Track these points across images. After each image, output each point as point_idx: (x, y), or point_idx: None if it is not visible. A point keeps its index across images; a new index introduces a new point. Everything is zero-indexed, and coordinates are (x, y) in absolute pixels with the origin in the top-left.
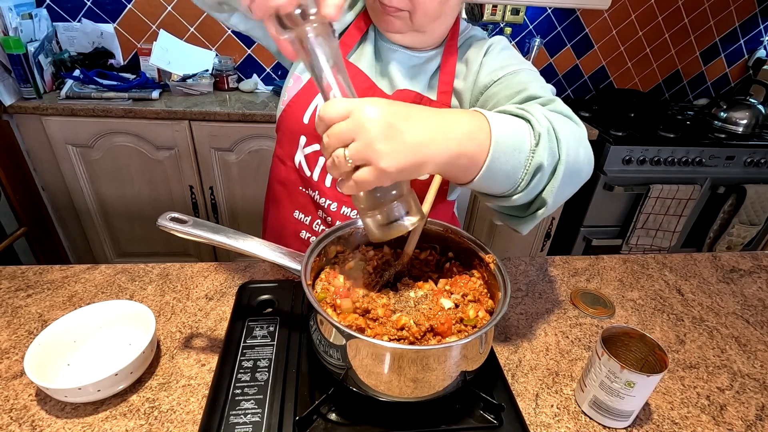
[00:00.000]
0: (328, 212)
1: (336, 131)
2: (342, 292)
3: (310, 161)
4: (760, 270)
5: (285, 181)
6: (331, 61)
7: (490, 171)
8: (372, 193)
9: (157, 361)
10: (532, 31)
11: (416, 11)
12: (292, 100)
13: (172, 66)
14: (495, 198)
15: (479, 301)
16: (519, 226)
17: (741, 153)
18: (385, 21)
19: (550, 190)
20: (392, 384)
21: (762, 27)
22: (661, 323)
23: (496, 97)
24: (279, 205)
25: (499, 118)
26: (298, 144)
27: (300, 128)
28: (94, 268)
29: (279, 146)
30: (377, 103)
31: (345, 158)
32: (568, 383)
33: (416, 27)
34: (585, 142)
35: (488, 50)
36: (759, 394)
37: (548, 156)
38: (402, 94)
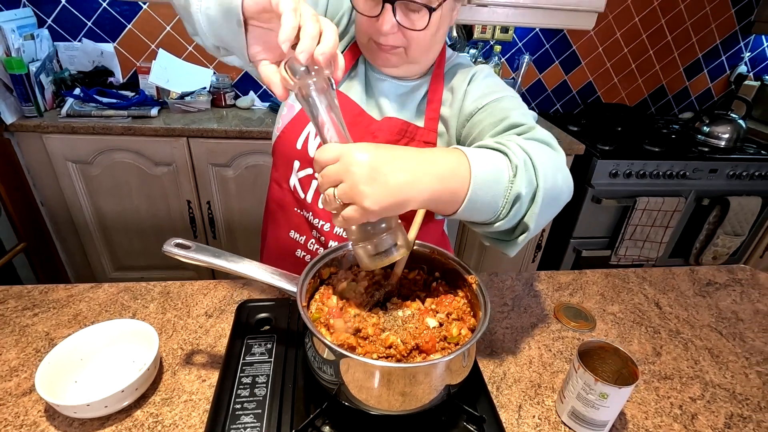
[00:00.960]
0: (322, 232)
1: (327, 173)
2: (335, 312)
3: (304, 184)
4: (734, 283)
5: (281, 202)
6: (330, 108)
7: (472, 203)
8: (363, 226)
9: (160, 377)
10: (521, 48)
11: (411, 46)
12: (286, 127)
13: (171, 84)
14: (480, 225)
15: (462, 319)
16: (506, 249)
17: (723, 166)
18: (381, 58)
19: (531, 215)
20: (382, 398)
21: (742, 44)
22: (639, 336)
23: (480, 125)
24: (276, 225)
25: (477, 153)
26: (292, 168)
27: (294, 153)
28: (97, 287)
29: (275, 169)
30: (365, 148)
31: (334, 197)
32: (549, 394)
33: (410, 60)
34: (563, 168)
35: (473, 78)
36: (728, 403)
37: (526, 185)
38: (390, 122)
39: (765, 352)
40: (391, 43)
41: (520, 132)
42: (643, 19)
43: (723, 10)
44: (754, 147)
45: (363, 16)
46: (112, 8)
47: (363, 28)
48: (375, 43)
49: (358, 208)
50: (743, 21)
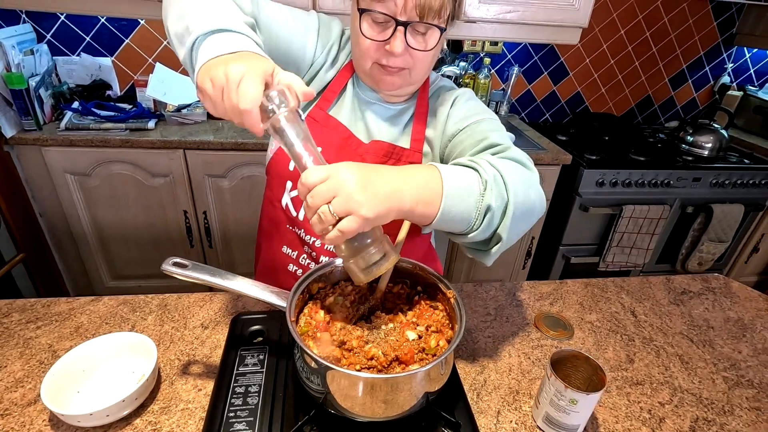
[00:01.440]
0: (313, 248)
1: (318, 192)
2: (322, 325)
3: (296, 203)
4: (708, 292)
5: (274, 219)
6: (301, 136)
7: (446, 214)
8: (351, 242)
9: (158, 387)
10: (510, 60)
11: (416, 66)
12: (279, 149)
13: (168, 97)
14: (457, 236)
15: (441, 331)
16: (483, 259)
17: (707, 175)
18: (386, 82)
19: (504, 227)
20: (365, 406)
21: (725, 55)
22: (614, 343)
23: (461, 145)
24: (269, 240)
25: (449, 169)
26: (284, 188)
27: (286, 174)
28: (97, 300)
29: (268, 188)
30: (349, 165)
31: (330, 212)
32: (527, 400)
33: (412, 80)
34: (535, 185)
35: (455, 101)
36: (695, 408)
37: (496, 198)
38: (377, 144)
39: (732, 358)
40: (400, 65)
41: (496, 152)
42: (629, 31)
43: (705, 23)
44: (737, 156)
45: (370, 40)
46: (110, 24)
47: (369, 53)
48: (380, 67)
49: (354, 218)
50: (725, 33)
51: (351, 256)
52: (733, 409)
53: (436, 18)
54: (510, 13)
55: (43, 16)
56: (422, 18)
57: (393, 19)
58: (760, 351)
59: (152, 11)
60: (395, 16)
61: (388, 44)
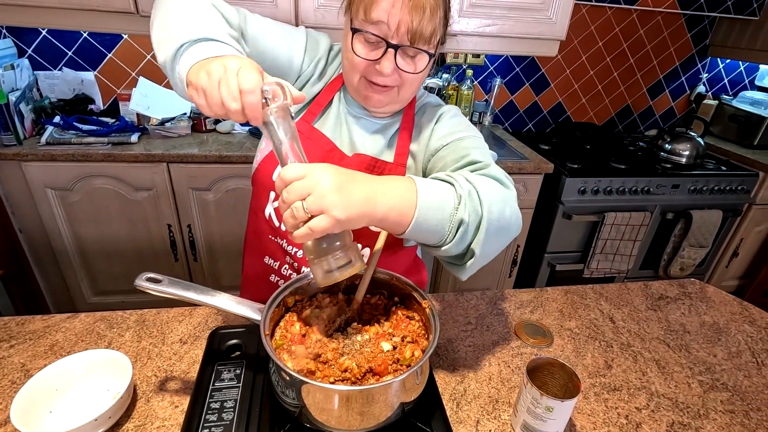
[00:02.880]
0: (295, 258)
1: (295, 188)
2: (297, 338)
3: (279, 214)
4: (684, 297)
5: (257, 230)
6: (289, 134)
7: (419, 224)
8: (319, 243)
9: (134, 405)
10: (492, 71)
11: (404, 86)
12: (264, 159)
13: (151, 110)
14: (432, 248)
15: (416, 341)
16: (458, 273)
17: (685, 182)
18: (374, 99)
19: (477, 242)
20: (341, 418)
21: (699, 65)
22: (593, 350)
23: (443, 160)
24: (252, 251)
25: (425, 182)
26: (268, 198)
27: (270, 184)
28: (74, 316)
29: (254, 199)
30: (328, 166)
31: (303, 209)
32: (506, 409)
33: (400, 99)
34: (512, 203)
35: (440, 117)
36: (671, 412)
37: (470, 213)
38: (359, 157)
39: (707, 362)
40: (388, 83)
41: (475, 168)
42: (606, 43)
43: (680, 35)
44: (714, 162)
45: (361, 59)
46: (93, 38)
47: (359, 69)
48: (368, 82)
49: (326, 217)
50: (699, 44)
51: (317, 257)
52: (708, 412)
53: (426, 44)
54: (489, 27)
55: (24, 31)
56: (413, 43)
57: (384, 41)
58: (734, 354)
59: (135, 26)
60: (387, 39)
61: (378, 64)
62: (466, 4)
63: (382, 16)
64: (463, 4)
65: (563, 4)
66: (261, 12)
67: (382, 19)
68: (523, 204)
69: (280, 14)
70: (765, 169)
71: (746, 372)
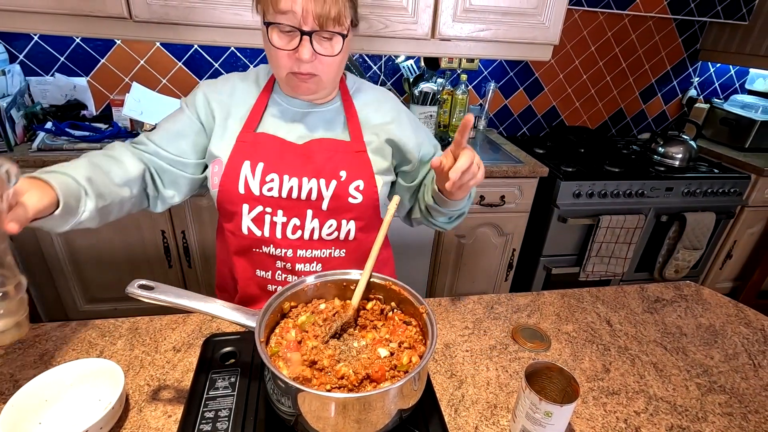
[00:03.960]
0: (286, 259)
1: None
2: (292, 345)
3: (258, 222)
4: (680, 299)
5: (240, 249)
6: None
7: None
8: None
9: (126, 415)
10: (487, 76)
11: (325, 71)
12: (222, 181)
13: (145, 116)
14: (454, 210)
15: (414, 347)
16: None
17: (678, 185)
18: (302, 88)
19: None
20: (338, 426)
21: (691, 69)
22: (590, 353)
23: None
24: (241, 271)
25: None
26: (241, 213)
27: (239, 199)
28: (65, 325)
29: (226, 222)
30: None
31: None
32: (504, 414)
33: (325, 84)
34: None
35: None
36: (669, 415)
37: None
38: (317, 142)
39: (704, 364)
40: (309, 71)
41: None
42: (599, 48)
43: (671, 39)
44: (706, 165)
45: (280, 50)
46: (85, 44)
47: (282, 63)
48: (293, 75)
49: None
50: (690, 49)
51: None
52: (706, 415)
53: (337, 26)
54: (483, 32)
55: (15, 36)
56: (323, 27)
57: (298, 30)
58: (731, 356)
59: (128, 31)
60: (300, 27)
61: (296, 52)
62: (460, 9)
63: (288, 5)
64: (456, 9)
65: (556, 9)
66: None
67: (288, 8)
68: (518, 208)
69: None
70: (756, 171)
71: (743, 374)
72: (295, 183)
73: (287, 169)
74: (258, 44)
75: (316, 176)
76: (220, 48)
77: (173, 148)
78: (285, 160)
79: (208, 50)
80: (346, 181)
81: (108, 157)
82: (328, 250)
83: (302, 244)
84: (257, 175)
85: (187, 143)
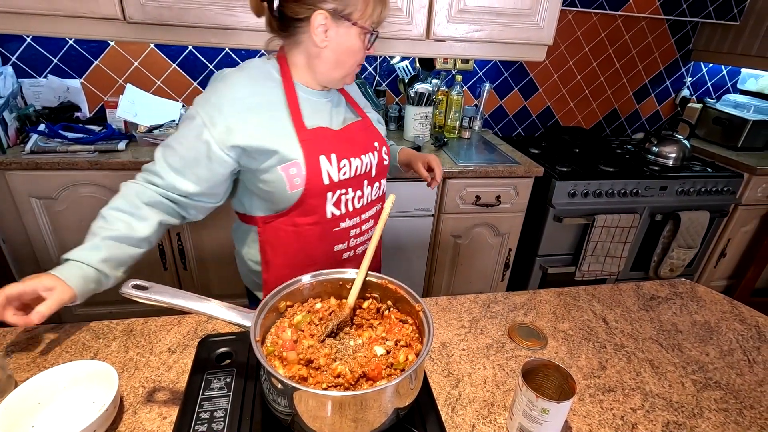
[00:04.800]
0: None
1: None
2: (288, 344)
3: (337, 204)
4: (675, 297)
5: (322, 235)
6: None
7: None
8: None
9: (120, 417)
10: (481, 77)
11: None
12: (307, 180)
13: (139, 117)
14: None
15: (410, 345)
16: None
17: (672, 184)
18: (351, 78)
19: None
20: (335, 425)
21: (684, 70)
22: (586, 351)
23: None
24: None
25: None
26: (325, 202)
27: (324, 190)
28: (58, 327)
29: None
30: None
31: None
32: (501, 412)
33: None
34: None
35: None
36: (665, 412)
37: None
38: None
39: (700, 361)
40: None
41: None
42: (593, 49)
43: (664, 40)
44: (700, 164)
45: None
46: (79, 45)
47: (357, 61)
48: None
49: None
50: (683, 49)
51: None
52: (702, 411)
53: None
54: (478, 32)
55: (7, 38)
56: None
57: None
58: (726, 353)
59: (122, 33)
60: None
61: (368, 50)
62: (455, 10)
63: (385, 14)
64: (451, 10)
65: (550, 10)
66: (248, 21)
67: (385, 17)
68: (514, 208)
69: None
70: (749, 170)
71: (738, 370)
72: (358, 162)
73: (349, 153)
74: (252, 45)
75: (364, 152)
76: (214, 49)
77: (208, 195)
78: (342, 145)
79: (202, 51)
80: (379, 149)
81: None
82: (375, 207)
83: (363, 209)
84: (333, 164)
85: (223, 186)
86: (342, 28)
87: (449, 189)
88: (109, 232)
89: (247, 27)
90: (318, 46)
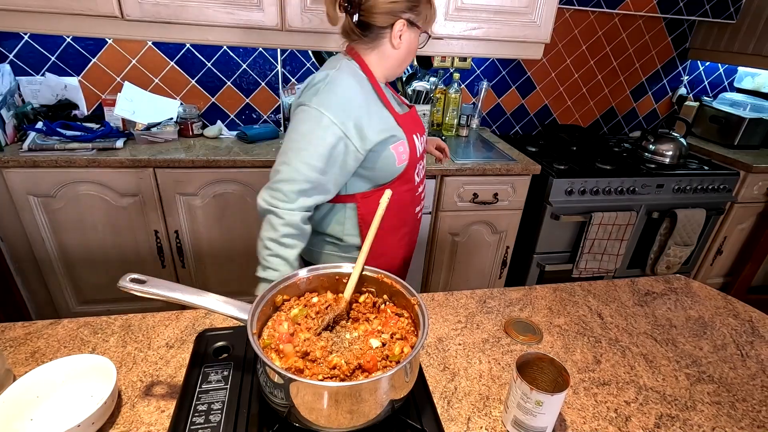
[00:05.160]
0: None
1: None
2: (285, 337)
3: (419, 172)
4: (670, 292)
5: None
6: None
7: None
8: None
9: (119, 410)
10: (479, 75)
11: None
12: (410, 155)
13: (137, 115)
14: None
15: (406, 338)
16: None
17: (669, 181)
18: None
19: None
20: (330, 417)
21: (680, 68)
22: (581, 346)
23: None
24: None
25: None
26: (415, 170)
27: (417, 160)
28: (56, 323)
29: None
30: None
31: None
32: (496, 406)
33: None
34: None
35: None
36: (659, 405)
37: None
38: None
39: (693, 355)
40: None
41: None
42: (590, 47)
43: (660, 38)
44: (696, 162)
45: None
46: (76, 43)
47: (412, 57)
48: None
49: None
50: (679, 48)
51: None
52: (695, 404)
53: None
54: (475, 30)
55: (5, 35)
56: None
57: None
58: (719, 347)
59: (120, 30)
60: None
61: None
62: (452, 8)
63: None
64: (449, 8)
65: (547, 8)
66: (247, 17)
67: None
68: (511, 205)
69: (268, 19)
70: (745, 168)
71: (731, 364)
72: (423, 139)
73: (420, 131)
74: (250, 43)
75: (423, 131)
76: (212, 47)
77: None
78: (416, 126)
79: (200, 49)
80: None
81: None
82: (426, 179)
83: (423, 177)
84: (417, 140)
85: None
86: (412, 32)
87: (447, 187)
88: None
89: (245, 25)
90: (395, 47)
